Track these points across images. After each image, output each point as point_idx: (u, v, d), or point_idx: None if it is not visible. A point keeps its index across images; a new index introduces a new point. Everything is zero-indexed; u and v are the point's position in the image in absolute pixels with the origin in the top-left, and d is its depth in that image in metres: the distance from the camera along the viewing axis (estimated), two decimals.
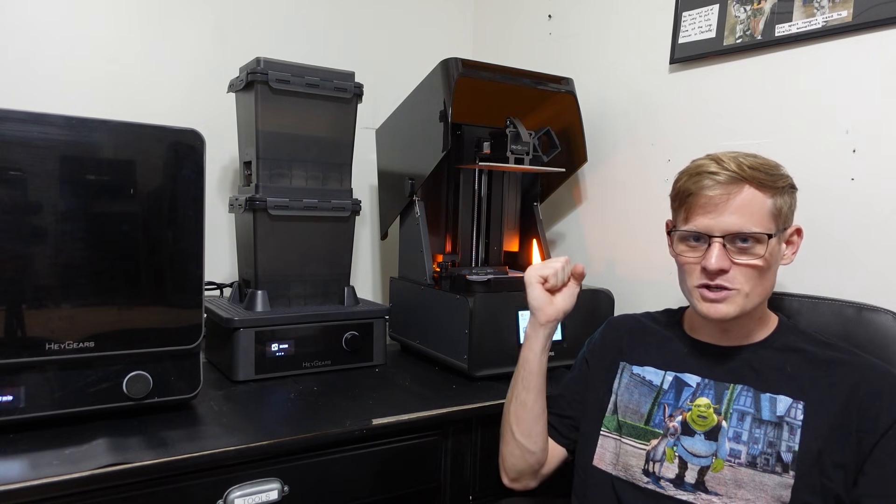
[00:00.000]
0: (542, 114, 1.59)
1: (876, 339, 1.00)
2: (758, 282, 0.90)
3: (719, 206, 0.89)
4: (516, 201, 1.62)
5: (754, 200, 0.88)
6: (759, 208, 0.89)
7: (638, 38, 1.51)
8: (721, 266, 0.88)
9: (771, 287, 0.93)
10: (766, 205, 0.89)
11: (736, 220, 0.88)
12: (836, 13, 1.14)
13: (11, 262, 0.92)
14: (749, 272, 0.89)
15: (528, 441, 1.03)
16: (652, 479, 0.93)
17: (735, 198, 0.88)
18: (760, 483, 0.85)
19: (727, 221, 0.88)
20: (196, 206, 1.04)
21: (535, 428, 1.03)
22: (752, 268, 0.89)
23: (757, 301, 0.91)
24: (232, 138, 1.45)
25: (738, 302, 0.90)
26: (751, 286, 0.89)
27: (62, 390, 0.97)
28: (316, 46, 1.73)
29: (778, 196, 0.90)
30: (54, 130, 0.94)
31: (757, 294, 0.91)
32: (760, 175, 0.88)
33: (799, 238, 0.96)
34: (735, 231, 0.88)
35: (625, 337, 1.07)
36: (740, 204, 0.88)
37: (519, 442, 1.04)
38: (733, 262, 0.89)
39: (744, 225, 0.88)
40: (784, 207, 0.91)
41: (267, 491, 0.97)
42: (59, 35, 1.43)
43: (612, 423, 1.01)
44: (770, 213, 0.89)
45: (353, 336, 1.36)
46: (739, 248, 0.89)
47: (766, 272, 0.90)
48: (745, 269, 0.89)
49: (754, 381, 0.91)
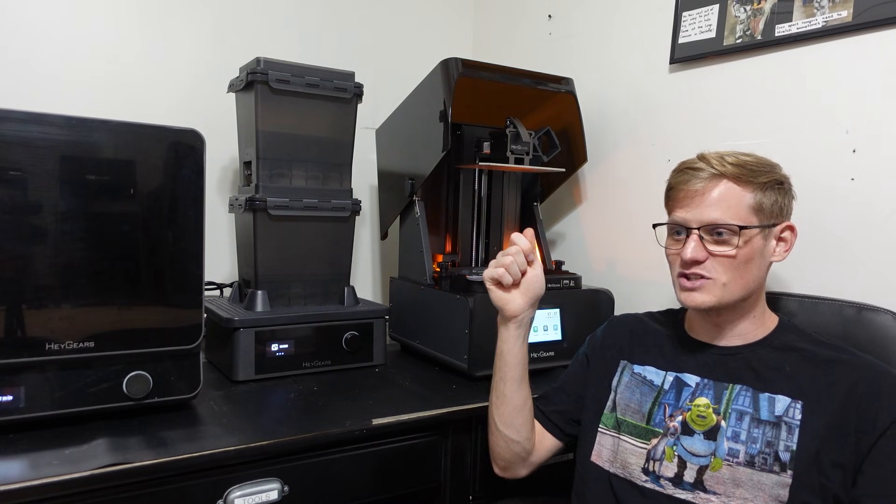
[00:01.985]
0: (542, 114, 1.59)
1: (876, 339, 1.00)
2: (736, 273, 0.91)
3: (695, 199, 0.93)
4: (516, 201, 1.62)
5: (731, 194, 0.91)
6: (735, 202, 0.91)
7: (638, 38, 1.51)
8: (695, 256, 0.91)
9: (755, 281, 0.93)
10: (743, 199, 0.91)
11: (712, 213, 0.91)
12: (836, 13, 1.14)
13: (11, 262, 0.92)
14: (725, 262, 0.91)
15: (511, 431, 1.04)
16: (651, 477, 0.94)
17: (712, 191, 0.92)
18: (758, 482, 0.85)
19: (703, 213, 0.92)
20: (196, 206, 1.04)
21: (516, 419, 1.04)
22: (727, 258, 0.91)
23: (738, 293, 0.92)
24: (232, 138, 1.45)
25: (714, 292, 0.91)
26: (728, 277, 0.91)
27: (62, 390, 0.97)
28: (316, 46, 1.73)
29: (759, 191, 0.92)
30: (54, 130, 0.94)
31: (737, 286, 0.92)
32: (740, 171, 0.91)
33: (792, 235, 0.96)
34: (709, 222, 0.91)
35: (626, 336, 1.08)
36: (717, 197, 0.91)
37: (502, 432, 1.05)
38: (710, 253, 0.91)
39: (719, 217, 0.91)
40: (767, 203, 0.92)
41: (267, 491, 0.97)
42: (59, 35, 1.43)
43: (610, 421, 1.01)
44: (749, 207, 0.91)
45: (353, 336, 1.36)
46: (715, 240, 0.91)
47: (746, 265, 0.91)
48: (722, 259, 0.91)
49: (753, 380, 0.92)
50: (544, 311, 1.36)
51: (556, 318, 1.37)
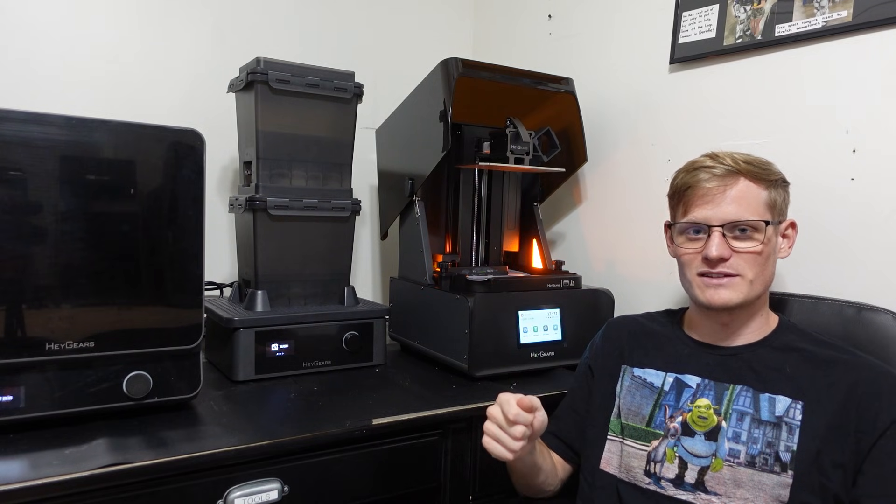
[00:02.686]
0: (542, 114, 1.59)
1: (876, 338, 1.00)
2: (761, 269, 0.92)
3: (716, 196, 0.92)
4: (516, 201, 1.62)
5: (750, 191, 0.92)
6: (754, 198, 0.92)
7: (638, 38, 1.51)
8: (721, 254, 0.91)
9: (771, 278, 0.95)
10: (761, 196, 0.92)
11: (733, 210, 0.91)
12: (836, 13, 1.14)
13: (11, 262, 0.92)
14: (750, 259, 0.91)
15: (537, 492, 1.07)
16: (653, 479, 0.94)
17: (731, 189, 0.92)
18: (759, 483, 0.85)
19: (725, 211, 0.91)
20: (196, 206, 1.04)
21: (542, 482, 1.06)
22: (752, 254, 0.91)
23: (760, 289, 0.93)
24: (232, 138, 1.45)
25: (741, 289, 0.91)
26: (754, 273, 0.91)
27: (62, 390, 0.97)
28: (316, 46, 1.73)
29: (772, 188, 0.93)
30: (54, 130, 0.94)
31: (760, 283, 0.92)
32: (754, 168, 0.92)
33: (794, 232, 0.98)
34: (733, 220, 0.91)
35: (625, 339, 1.08)
36: (737, 195, 0.92)
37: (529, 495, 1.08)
38: (733, 251, 0.91)
39: (741, 214, 0.91)
40: (778, 200, 0.94)
41: (267, 491, 0.97)
42: (59, 35, 1.43)
43: (616, 427, 1.01)
44: (765, 203, 0.92)
45: (353, 336, 1.36)
46: (738, 237, 0.91)
47: (766, 260, 0.92)
48: (746, 255, 0.91)
49: (754, 381, 0.92)
50: (544, 311, 1.36)
51: (557, 318, 1.37)
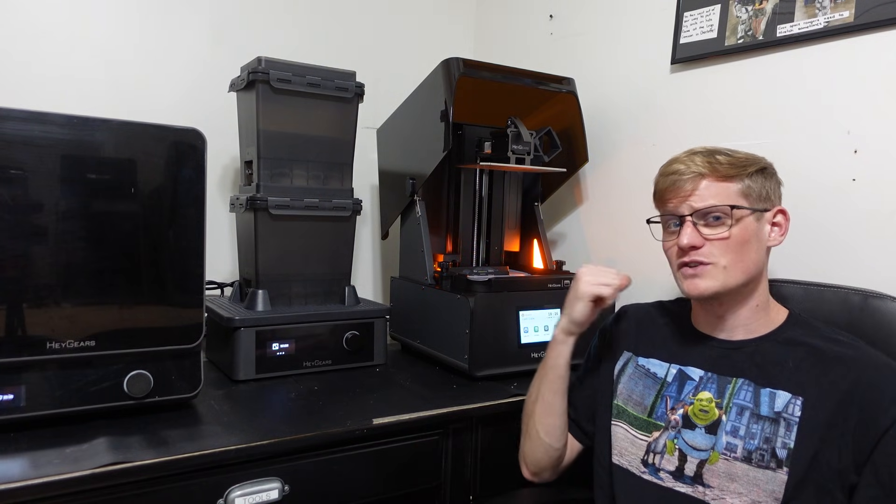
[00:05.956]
0: (543, 114, 1.59)
1: (882, 326, 0.99)
2: (735, 256, 0.91)
3: (686, 191, 0.94)
4: (517, 201, 1.62)
5: (719, 186, 0.93)
6: (724, 191, 0.92)
7: (639, 39, 1.51)
8: (693, 242, 0.92)
9: (755, 265, 0.93)
10: (731, 188, 0.93)
11: (700, 199, 0.93)
12: (837, 14, 1.14)
13: (12, 261, 0.92)
14: (721, 245, 0.91)
15: (553, 439, 1.07)
16: (650, 469, 0.95)
17: (699, 185, 0.93)
18: (754, 478, 0.86)
19: (693, 199, 0.93)
20: (197, 205, 1.04)
21: (560, 428, 1.07)
22: (721, 240, 0.91)
23: (740, 277, 0.92)
24: (233, 137, 1.45)
25: (716, 275, 0.92)
26: (727, 259, 0.91)
27: (63, 389, 0.97)
28: (317, 46, 1.73)
29: (746, 178, 0.93)
30: (55, 129, 0.94)
31: (738, 269, 0.92)
32: (724, 168, 0.92)
33: (785, 219, 0.96)
34: (701, 207, 0.92)
35: (633, 327, 1.09)
36: (707, 184, 0.93)
37: (543, 441, 1.07)
38: (705, 238, 0.92)
39: (708, 201, 0.92)
40: (756, 187, 0.93)
41: (267, 490, 0.97)
42: (60, 36, 1.43)
43: (614, 410, 1.03)
44: (738, 193, 0.92)
45: (353, 336, 1.36)
46: (708, 223, 0.92)
47: (743, 247, 0.92)
48: (717, 242, 0.91)
49: (756, 375, 0.91)
50: (545, 311, 1.36)
51: (557, 318, 1.36)
